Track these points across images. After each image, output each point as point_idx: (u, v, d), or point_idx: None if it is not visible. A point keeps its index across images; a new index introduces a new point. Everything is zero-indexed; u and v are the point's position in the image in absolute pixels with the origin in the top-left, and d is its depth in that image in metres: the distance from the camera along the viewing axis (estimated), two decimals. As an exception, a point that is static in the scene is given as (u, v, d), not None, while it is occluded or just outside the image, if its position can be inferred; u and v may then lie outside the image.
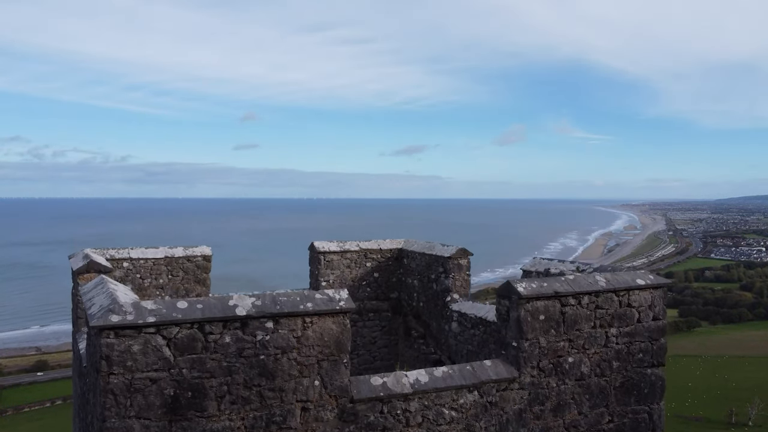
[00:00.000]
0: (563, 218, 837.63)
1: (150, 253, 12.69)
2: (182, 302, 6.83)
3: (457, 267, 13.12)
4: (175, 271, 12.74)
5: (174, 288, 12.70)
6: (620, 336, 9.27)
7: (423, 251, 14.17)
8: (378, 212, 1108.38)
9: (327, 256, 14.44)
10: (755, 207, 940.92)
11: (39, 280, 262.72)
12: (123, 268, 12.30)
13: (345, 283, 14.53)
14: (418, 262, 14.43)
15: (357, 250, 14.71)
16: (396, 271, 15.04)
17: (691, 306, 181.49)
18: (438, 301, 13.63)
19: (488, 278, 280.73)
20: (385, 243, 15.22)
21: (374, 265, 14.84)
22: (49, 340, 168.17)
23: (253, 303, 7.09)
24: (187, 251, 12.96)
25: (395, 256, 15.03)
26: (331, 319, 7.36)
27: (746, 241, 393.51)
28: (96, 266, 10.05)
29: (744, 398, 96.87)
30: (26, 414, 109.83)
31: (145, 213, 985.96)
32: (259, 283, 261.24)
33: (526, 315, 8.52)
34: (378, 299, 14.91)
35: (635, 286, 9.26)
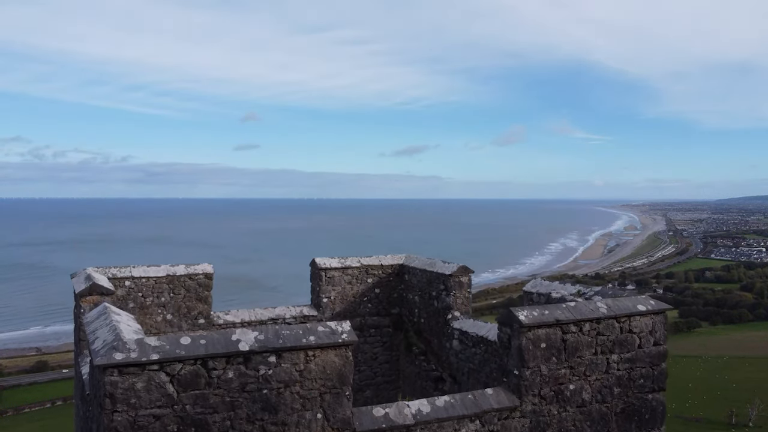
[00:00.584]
0: (563, 218, 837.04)
1: (152, 271, 12.73)
2: (185, 338, 6.86)
3: (458, 285, 13.16)
4: (177, 289, 12.77)
5: (176, 306, 12.73)
6: (621, 362, 9.29)
7: (424, 268, 14.20)
8: (378, 213, 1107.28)
9: (328, 272, 14.49)
10: (755, 207, 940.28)
11: (39, 281, 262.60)
12: (125, 287, 12.33)
13: (346, 299, 14.56)
14: (419, 279, 14.46)
15: (358, 266, 14.75)
16: (397, 286, 15.08)
17: (692, 306, 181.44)
18: (439, 318, 13.66)
19: (488, 278, 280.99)
20: (386, 258, 15.27)
21: (375, 281, 14.89)
22: (49, 341, 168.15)
23: (256, 337, 7.11)
24: (188, 269, 13.00)
25: (396, 272, 15.07)
26: (333, 351, 7.39)
27: (746, 241, 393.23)
28: (98, 288, 10.07)
29: (744, 399, 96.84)
30: (26, 415, 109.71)
31: (146, 213, 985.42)
32: (259, 283, 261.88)
33: (527, 343, 8.55)
34: (379, 315, 14.95)
35: (636, 312, 9.27)
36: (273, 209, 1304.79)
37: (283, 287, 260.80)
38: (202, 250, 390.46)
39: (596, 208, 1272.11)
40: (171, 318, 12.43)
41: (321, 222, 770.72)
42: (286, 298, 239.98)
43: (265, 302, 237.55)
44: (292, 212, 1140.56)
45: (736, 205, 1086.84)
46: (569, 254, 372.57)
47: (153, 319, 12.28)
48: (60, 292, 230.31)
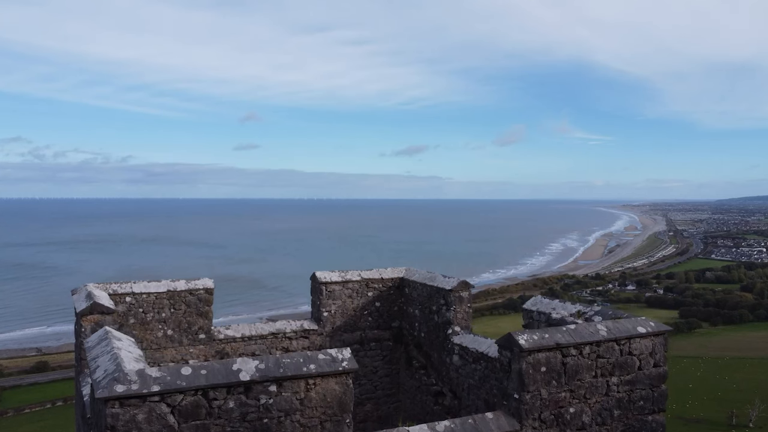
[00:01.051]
0: (563, 219, 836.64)
1: (152, 287, 12.76)
2: (186, 368, 6.87)
3: (458, 299, 13.18)
4: (178, 305, 12.80)
5: (176, 321, 12.76)
6: (621, 384, 9.30)
7: (424, 282, 14.22)
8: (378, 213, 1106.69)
9: (329, 286, 14.51)
10: (756, 207, 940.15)
11: (40, 281, 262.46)
12: (125, 303, 12.36)
13: (347, 313, 14.59)
14: (420, 292, 14.48)
15: (359, 279, 14.78)
16: (397, 300, 15.11)
17: (692, 307, 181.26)
18: (439, 333, 13.67)
19: (489, 279, 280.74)
20: (387, 272, 15.29)
21: (376, 294, 14.91)
22: (49, 341, 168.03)
23: (257, 367, 7.13)
24: (189, 284, 13.03)
25: (396, 285, 15.10)
26: (334, 380, 7.41)
27: (747, 241, 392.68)
28: (99, 308, 10.09)
29: (745, 400, 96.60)
30: (27, 415, 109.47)
31: (146, 213, 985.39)
32: (260, 283, 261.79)
33: (527, 367, 8.55)
34: (379, 328, 14.97)
35: (636, 334, 9.28)
36: (273, 209, 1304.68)
37: (284, 287, 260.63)
38: (203, 250, 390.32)
39: (596, 208, 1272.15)
40: (172, 333, 12.46)
41: (321, 222, 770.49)
42: (288, 298, 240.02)
43: (266, 303, 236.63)
44: (292, 212, 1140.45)
45: (737, 206, 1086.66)
46: (569, 254, 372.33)
47: (154, 334, 12.31)
48: (60, 292, 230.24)
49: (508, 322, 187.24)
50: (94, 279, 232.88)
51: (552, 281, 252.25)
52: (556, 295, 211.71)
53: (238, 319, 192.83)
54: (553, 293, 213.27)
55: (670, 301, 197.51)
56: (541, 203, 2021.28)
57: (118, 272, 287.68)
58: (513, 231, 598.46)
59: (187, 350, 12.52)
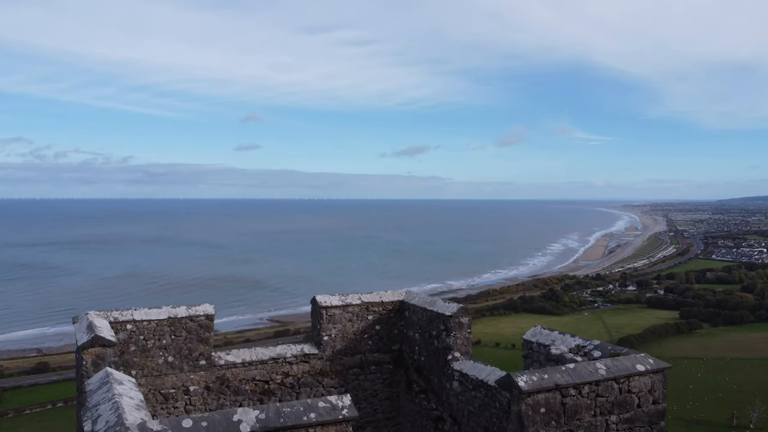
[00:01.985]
0: (564, 219, 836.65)
1: (153, 314, 12.80)
2: (187, 420, 6.90)
3: (458, 325, 13.21)
4: (178, 332, 12.85)
5: (177, 348, 12.80)
6: (620, 422, 9.33)
7: (424, 306, 14.23)
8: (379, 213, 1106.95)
9: (329, 310, 14.51)
10: (756, 208, 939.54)
11: (41, 281, 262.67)
12: (126, 331, 12.41)
13: (347, 336, 14.60)
14: (420, 316, 14.49)
15: (359, 303, 14.79)
16: (397, 323, 15.13)
17: (692, 308, 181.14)
18: (439, 358, 13.70)
19: (489, 279, 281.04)
20: (387, 295, 15.31)
21: (376, 317, 14.92)
22: (50, 342, 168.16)
23: (257, 417, 7.15)
24: (189, 310, 13.07)
25: (397, 309, 15.11)
26: (334, 428, 7.44)
27: (747, 242, 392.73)
28: (100, 341, 10.13)
29: (745, 401, 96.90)
30: (27, 416, 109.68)
31: (147, 214, 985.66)
32: (262, 283, 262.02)
33: (527, 409, 8.59)
34: (380, 351, 14.98)
35: (635, 372, 9.31)
36: (274, 210, 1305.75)
37: (285, 288, 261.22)
38: (204, 251, 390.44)
39: (597, 208, 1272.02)
40: (172, 360, 12.50)
41: (322, 222, 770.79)
42: (289, 299, 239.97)
43: (267, 303, 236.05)
44: (292, 213, 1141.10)
45: (737, 206, 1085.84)
46: (570, 255, 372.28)
47: (154, 361, 12.35)
48: (62, 293, 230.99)
49: (508, 323, 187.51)
50: (95, 279, 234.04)
51: (552, 282, 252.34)
52: (556, 296, 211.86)
53: (239, 319, 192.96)
54: (554, 294, 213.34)
55: (670, 302, 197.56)
56: (542, 203, 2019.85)
57: (119, 273, 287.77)
58: (513, 231, 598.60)
59: (188, 377, 12.56)
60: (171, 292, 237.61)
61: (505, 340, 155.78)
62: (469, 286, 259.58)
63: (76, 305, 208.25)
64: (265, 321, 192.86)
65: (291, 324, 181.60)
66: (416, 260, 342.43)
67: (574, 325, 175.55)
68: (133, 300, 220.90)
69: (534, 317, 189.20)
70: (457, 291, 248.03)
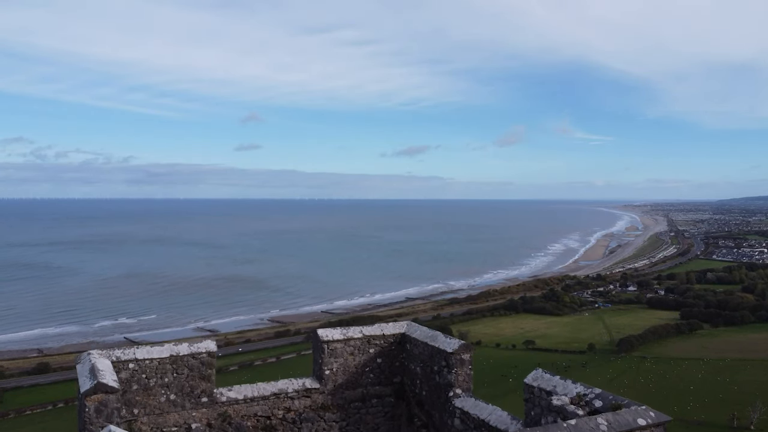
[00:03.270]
0: (565, 219, 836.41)
1: (155, 351, 12.79)
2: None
3: (459, 362, 13.21)
4: (180, 369, 12.86)
5: (179, 386, 12.82)
6: (623, 478, 9.25)
7: (425, 341, 14.21)
8: (380, 213, 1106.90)
9: (331, 344, 14.49)
10: (757, 208, 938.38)
11: (43, 281, 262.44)
12: (129, 370, 12.42)
13: (348, 370, 14.59)
14: (421, 350, 14.46)
15: (360, 336, 14.77)
16: (399, 355, 15.12)
17: (693, 308, 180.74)
18: (441, 394, 13.68)
19: (490, 280, 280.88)
20: (388, 327, 15.32)
21: (377, 350, 14.90)
22: (51, 342, 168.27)
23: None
24: (191, 348, 13.07)
25: (398, 341, 15.10)
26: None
27: (748, 242, 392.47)
28: (103, 387, 10.14)
29: (746, 402, 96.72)
30: (28, 417, 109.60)
31: (148, 214, 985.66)
32: (264, 283, 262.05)
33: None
34: (381, 384, 14.96)
35: (636, 426, 9.27)
36: (274, 210, 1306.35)
37: (286, 288, 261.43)
38: (206, 251, 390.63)
39: (597, 208, 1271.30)
40: (174, 398, 12.52)
41: (322, 222, 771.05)
42: (289, 299, 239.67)
43: (268, 304, 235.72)
44: (293, 213, 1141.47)
45: (738, 206, 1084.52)
46: (571, 255, 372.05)
47: (156, 399, 12.37)
48: (63, 293, 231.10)
49: (508, 323, 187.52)
50: (96, 279, 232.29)
51: (553, 282, 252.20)
52: (557, 296, 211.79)
53: (240, 320, 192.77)
54: (555, 294, 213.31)
55: (671, 302, 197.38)
56: (542, 203, 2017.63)
57: (121, 273, 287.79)
58: (514, 231, 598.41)
59: (190, 414, 12.58)
60: (172, 293, 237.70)
61: (506, 341, 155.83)
62: (469, 286, 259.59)
63: (78, 306, 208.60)
64: (265, 321, 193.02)
65: (291, 324, 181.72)
66: (417, 260, 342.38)
67: (574, 326, 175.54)
68: (135, 301, 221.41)
69: (534, 318, 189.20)
70: (458, 291, 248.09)
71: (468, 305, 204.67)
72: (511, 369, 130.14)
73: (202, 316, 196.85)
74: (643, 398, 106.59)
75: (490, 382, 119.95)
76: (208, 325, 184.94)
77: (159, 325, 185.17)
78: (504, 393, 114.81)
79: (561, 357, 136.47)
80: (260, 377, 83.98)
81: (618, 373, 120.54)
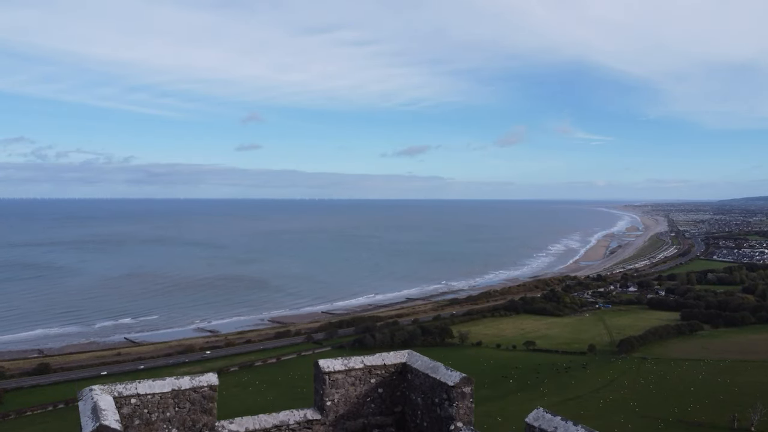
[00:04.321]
0: (565, 219, 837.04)
1: (157, 386, 12.85)
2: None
3: (461, 395, 13.29)
4: (182, 403, 12.94)
5: (181, 420, 12.91)
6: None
7: (426, 372, 14.30)
8: (380, 213, 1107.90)
9: (332, 375, 14.61)
10: (757, 208, 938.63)
11: (44, 281, 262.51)
12: (131, 405, 12.50)
13: (350, 401, 14.70)
14: (422, 381, 14.58)
15: (361, 367, 14.90)
16: (400, 385, 15.27)
17: (694, 309, 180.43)
18: (442, 426, 13.73)
19: (490, 280, 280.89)
20: (389, 357, 15.44)
21: (378, 380, 15.03)
22: (52, 343, 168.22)
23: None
24: (193, 381, 13.13)
25: (399, 371, 15.26)
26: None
27: (749, 242, 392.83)
28: (105, 430, 10.22)
29: (747, 403, 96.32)
30: (29, 417, 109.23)
31: (148, 214, 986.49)
32: (265, 283, 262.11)
33: None
34: (382, 414, 15.07)
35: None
36: (275, 209, 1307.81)
37: (287, 288, 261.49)
38: (206, 251, 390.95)
39: (598, 208, 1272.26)
40: None
41: (323, 222, 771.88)
42: (290, 299, 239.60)
43: (269, 303, 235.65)
44: (293, 212, 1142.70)
45: (739, 206, 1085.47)
46: (571, 255, 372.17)
47: None
48: (65, 293, 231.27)
49: (509, 324, 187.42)
50: (97, 279, 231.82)
51: (554, 282, 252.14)
52: (557, 297, 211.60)
53: (241, 320, 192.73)
54: (555, 295, 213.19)
55: (671, 303, 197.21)
56: (543, 203, 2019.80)
57: (122, 273, 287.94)
58: (514, 231, 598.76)
59: None
60: (173, 293, 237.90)
61: (507, 342, 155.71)
62: (470, 286, 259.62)
63: (79, 306, 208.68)
64: (266, 322, 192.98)
65: (292, 325, 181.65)
66: (417, 260, 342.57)
67: (575, 327, 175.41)
68: (136, 301, 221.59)
69: (535, 318, 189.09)
70: (459, 292, 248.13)
71: (468, 306, 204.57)
72: (512, 370, 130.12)
73: (202, 316, 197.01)
74: (643, 399, 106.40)
75: (490, 383, 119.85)
76: (209, 326, 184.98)
77: (160, 325, 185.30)
78: (504, 394, 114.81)
79: (561, 358, 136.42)
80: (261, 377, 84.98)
81: (618, 374, 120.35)
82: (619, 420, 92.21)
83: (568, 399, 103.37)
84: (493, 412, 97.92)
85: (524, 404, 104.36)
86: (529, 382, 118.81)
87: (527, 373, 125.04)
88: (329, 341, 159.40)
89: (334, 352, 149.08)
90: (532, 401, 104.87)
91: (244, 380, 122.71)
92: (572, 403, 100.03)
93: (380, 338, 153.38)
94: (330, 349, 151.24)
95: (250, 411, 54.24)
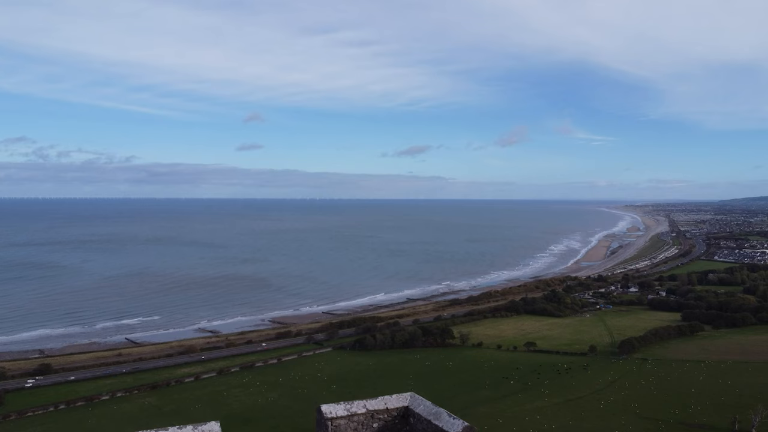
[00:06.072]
0: (566, 219, 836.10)
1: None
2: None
3: None
4: None
5: None
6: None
7: (429, 419, 14.30)
8: (381, 213, 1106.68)
9: (334, 421, 14.60)
10: (758, 208, 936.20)
11: (45, 281, 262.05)
12: None
13: None
14: (425, 427, 14.59)
15: (364, 411, 14.88)
16: (402, 429, 15.30)
17: (695, 310, 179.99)
18: (444, 475, 13.75)
19: (491, 281, 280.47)
20: (392, 400, 15.43)
21: (381, 425, 15.01)
22: (53, 343, 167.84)
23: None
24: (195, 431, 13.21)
25: (401, 414, 15.26)
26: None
27: (750, 242, 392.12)
28: None
29: (748, 405, 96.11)
30: (30, 418, 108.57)
31: (150, 213, 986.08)
32: (266, 283, 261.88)
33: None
34: None
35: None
36: (276, 209, 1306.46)
37: (288, 287, 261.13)
38: (207, 251, 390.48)
39: (599, 208, 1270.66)
40: None
41: (324, 222, 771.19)
42: (290, 299, 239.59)
43: (269, 303, 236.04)
44: (294, 212, 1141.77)
45: (740, 206, 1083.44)
46: (572, 256, 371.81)
47: None
48: (66, 293, 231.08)
49: (509, 325, 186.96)
50: (99, 280, 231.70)
51: (554, 283, 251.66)
52: (558, 297, 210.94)
53: (242, 320, 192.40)
54: (556, 296, 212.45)
55: (672, 303, 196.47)
56: (544, 203, 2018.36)
57: (123, 273, 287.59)
58: (515, 231, 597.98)
59: None
60: (175, 293, 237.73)
61: (507, 342, 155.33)
62: (471, 287, 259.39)
63: (80, 306, 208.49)
64: (267, 322, 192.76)
65: (293, 325, 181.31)
66: (418, 261, 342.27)
67: (575, 327, 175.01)
68: (137, 301, 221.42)
69: (536, 319, 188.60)
70: (459, 292, 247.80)
71: (469, 306, 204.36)
72: (513, 371, 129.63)
73: (204, 316, 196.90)
74: (644, 401, 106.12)
75: (491, 384, 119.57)
76: (210, 326, 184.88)
77: (161, 325, 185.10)
78: (504, 395, 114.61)
79: (562, 359, 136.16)
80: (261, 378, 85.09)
81: (619, 375, 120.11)
82: (619, 421, 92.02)
83: (569, 400, 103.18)
84: (494, 413, 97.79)
85: (525, 405, 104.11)
86: (529, 383, 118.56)
87: (528, 374, 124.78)
88: (330, 342, 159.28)
89: (335, 352, 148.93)
90: (532, 402, 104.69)
91: (245, 381, 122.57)
92: (573, 405, 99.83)
93: (381, 339, 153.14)
94: (331, 350, 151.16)
95: (251, 411, 55.72)
